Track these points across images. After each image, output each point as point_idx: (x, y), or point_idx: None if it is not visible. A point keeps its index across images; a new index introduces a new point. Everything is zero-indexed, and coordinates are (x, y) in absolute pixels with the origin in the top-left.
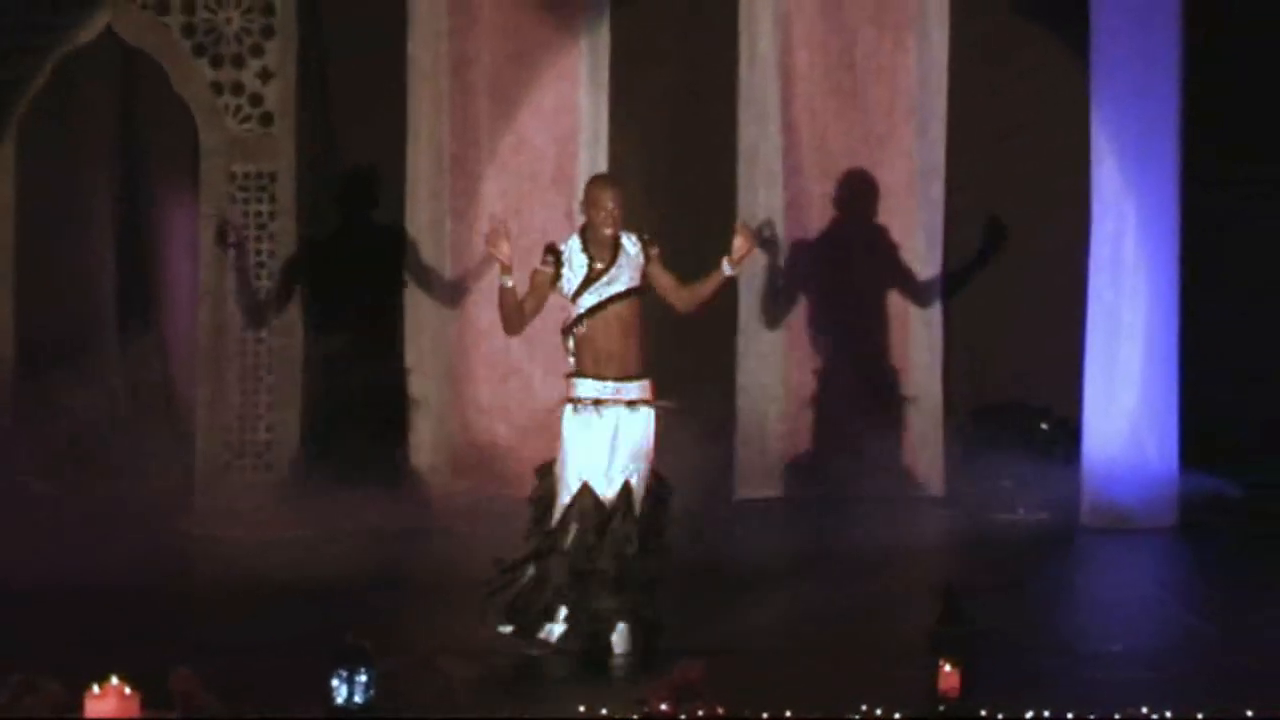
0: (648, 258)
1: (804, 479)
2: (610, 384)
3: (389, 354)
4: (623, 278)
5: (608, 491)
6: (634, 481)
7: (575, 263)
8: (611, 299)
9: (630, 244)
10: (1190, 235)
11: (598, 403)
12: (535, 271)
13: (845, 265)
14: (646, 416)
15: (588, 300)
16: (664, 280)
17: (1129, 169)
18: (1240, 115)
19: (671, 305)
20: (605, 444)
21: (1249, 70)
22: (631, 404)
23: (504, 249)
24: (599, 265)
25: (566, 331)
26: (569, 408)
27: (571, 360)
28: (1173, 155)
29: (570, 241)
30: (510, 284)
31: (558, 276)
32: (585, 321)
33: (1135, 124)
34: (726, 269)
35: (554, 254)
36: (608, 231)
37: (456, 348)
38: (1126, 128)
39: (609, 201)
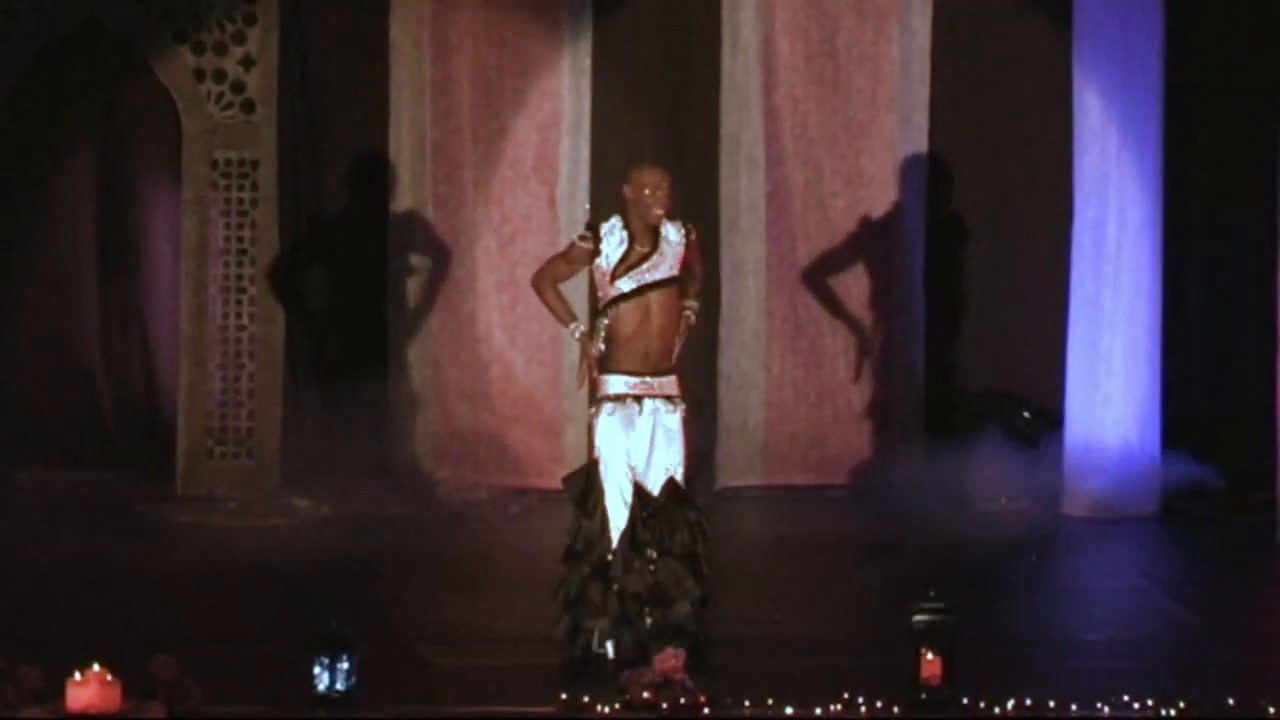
0: (688, 245)
1: (785, 468)
2: (648, 379)
3: (370, 341)
4: (663, 266)
5: (652, 489)
6: (678, 477)
7: (614, 241)
8: (650, 286)
9: (673, 232)
10: (1172, 224)
11: (638, 398)
12: (572, 245)
13: (827, 253)
14: (680, 411)
15: (625, 284)
16: (690, 270)
17: (1112, 158)
18: (1222, 104)
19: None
20: (645, 440)
21: (1230, 58)
22: (669, 399)
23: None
24: (640, 249)
25: (600, 314)
26: (606, 406)
27: (601, 347)
28: (1156, 144)
29: (611, 220)
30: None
31: (596, 253)
32: (620, 305)
33: (1118, 113)
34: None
35: (593, 229)
36: (658, 211)
37: (438, 334)
38: (1110, 117)
39: (656, 177)
